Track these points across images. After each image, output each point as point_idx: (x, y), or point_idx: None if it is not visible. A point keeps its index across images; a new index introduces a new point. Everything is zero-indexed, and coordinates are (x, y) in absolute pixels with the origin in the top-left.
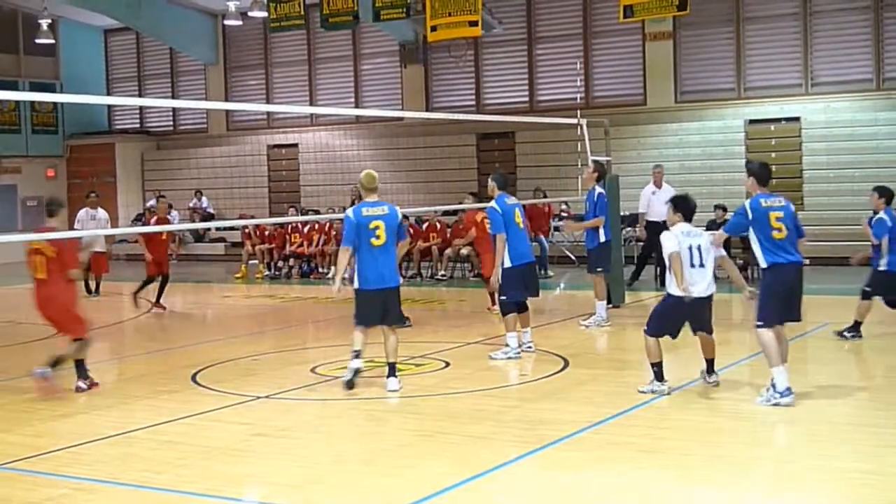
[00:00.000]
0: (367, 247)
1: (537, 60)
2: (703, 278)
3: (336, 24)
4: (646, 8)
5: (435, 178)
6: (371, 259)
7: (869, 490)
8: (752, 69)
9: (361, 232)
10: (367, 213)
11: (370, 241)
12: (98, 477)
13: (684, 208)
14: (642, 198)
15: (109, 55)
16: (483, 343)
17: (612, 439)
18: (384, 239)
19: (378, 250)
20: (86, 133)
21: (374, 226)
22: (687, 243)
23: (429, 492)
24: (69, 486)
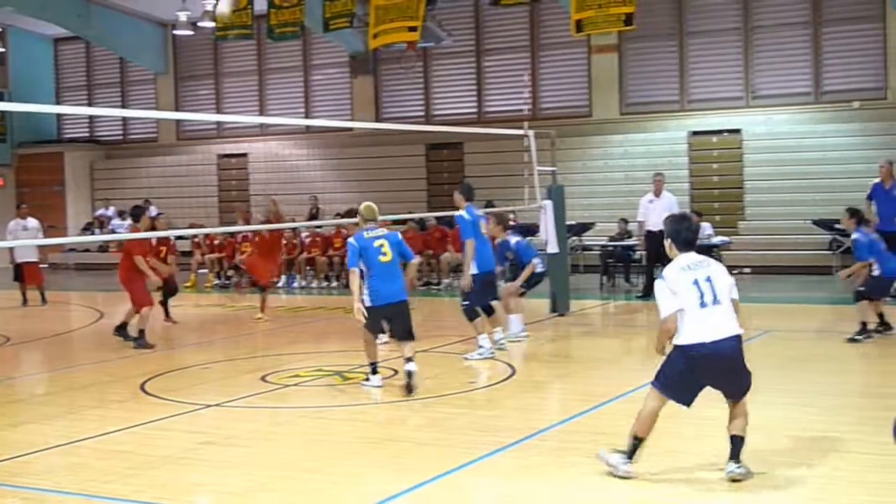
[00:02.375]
0: (376, 265)
1: (485, 72)
2: (717, 320)
3: (282, 35)
4: (594, 23)
5: (384, 189)
6: (382, 275)
7: (840, 497)
8: (695, 82)
9: (369, 253)
10: (369, 236)
11: (378, 260)
12: (46, 486)
13: (674, 234)
14: (640, 206)
15: (59, 64)
16: (431, 351)
17: (558, 446)
18: (390, 255)
19: (387, 266)
20: (35, 142)
21: (378, 244)
22: (691, 277)
23: (376, 499)
24: (18, 495)
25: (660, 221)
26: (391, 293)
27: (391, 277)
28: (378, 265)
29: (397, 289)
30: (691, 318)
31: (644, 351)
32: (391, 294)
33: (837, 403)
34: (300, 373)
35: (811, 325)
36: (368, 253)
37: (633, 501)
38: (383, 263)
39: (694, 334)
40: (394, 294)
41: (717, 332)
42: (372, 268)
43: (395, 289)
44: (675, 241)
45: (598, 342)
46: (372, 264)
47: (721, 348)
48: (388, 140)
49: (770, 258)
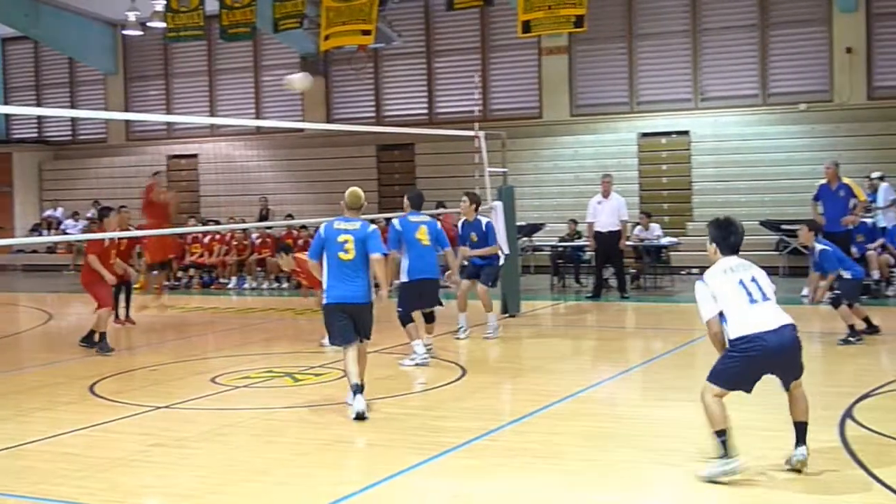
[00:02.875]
0: (335, 261)
1: (436, 73)
2: (771, 313)
3: (235, 35)
4: (542, 24)
5: (335, 189)
6: (339, 273)
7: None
8: (644, 84)
9: (329, 245)
10: (337, 227)
11: (338, 256)
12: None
13: (720, 238)
14: (589, 207)
15: (7, 64)
16: (382, 352)
17: (509, 446)
18: (353, 254)
19: (347, 265)
20: None
21: (342, 239)
22: (736, 278)
23: (326, 500)
24: None
25: (608, 222)
26: (347, 293)
27: (351, 276)
28: (335, 261)
29: (356, 289)
30: (744, 314)
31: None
32: (346, 294)
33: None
34: (251, 374)
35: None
36: (328, 245)
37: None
38: (343, 261)
39: (752, 326)
40: (352, 294)
41: (775, 322)
42: (329, 262)
43: (354, 289)
44: (721, 245)
45: (549, 343)
46: (330, 259)
47: (783, 336)
48: (338, 141)
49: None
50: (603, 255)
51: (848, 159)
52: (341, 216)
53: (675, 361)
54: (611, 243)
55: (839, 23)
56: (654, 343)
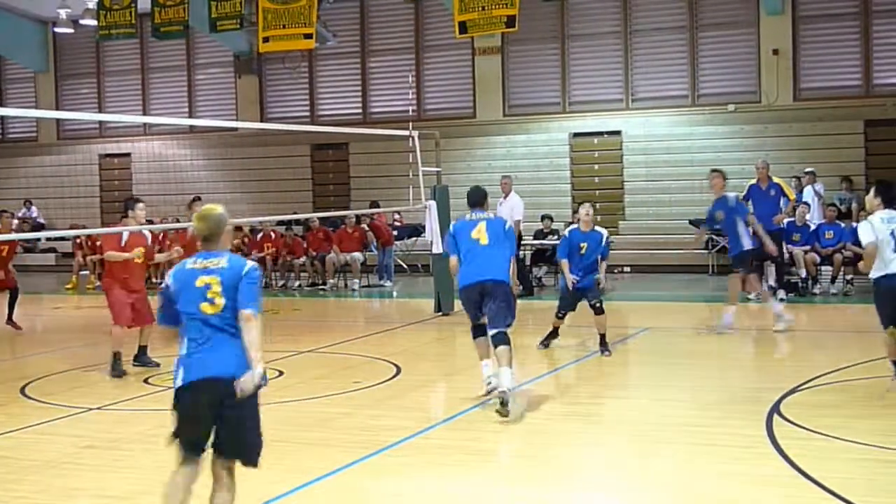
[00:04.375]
0: (196, 317)
1: (370, 73)
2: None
3: (167, 33)
4: (477, 24)
5: (269, 189)
6: (201, 337)
7: (696, 487)
8: (576, 85)
9: (186, 295)
10: (191, 267)
11: (200, 308)
12: None
13: (885, 194)
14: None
15: None
16: (316, 352)
17: (442, 444)
18: (221, 304)
19: (213, 321)
20: None
21: (202, 283)
22: (888, 229)
23: (260, 499)
24: None
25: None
26: (208, 364)
27: (217, 341)
28: (196, 317)
29: (224, 359)
30: (884, 258)
31: (527, 349)
32: (206, 365)
33: (712, 399)
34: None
35: (688, 322)
36: (185, 295)
37: (516, 499)
38: (208, 315)
39: (887, 269)
40: (214, 364)
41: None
42: (187, 321)
43: (220, 359)
44: (885, 199)
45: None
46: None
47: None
48: (273, 140)
49: (649, 257)
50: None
51: (775, 159)
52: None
53: (609, 360)
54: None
55: (766, 25)
56: (588, 341)
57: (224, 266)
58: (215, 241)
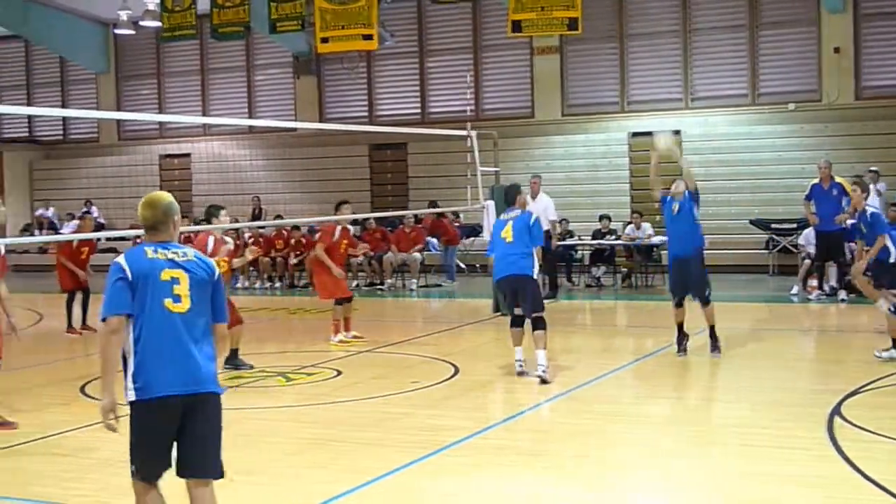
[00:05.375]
0: (157, 314)
1: (429, 73)
2: None
3: (226, 34)
4: (534, 25)
5: (327, 189)
6: (163, 338)
7: (749, 489)
8: (635, 84)
9: (144, 289)
10: (153, 256)
11: (164, 305)
12: None
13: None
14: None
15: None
16: (373, 352)
17: (500, 444)
18: (187, 303)
19: (179, 320)
20: None
21: (168, 276)
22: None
23: (319, 500)
24: None
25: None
26: (183, 373)
27: (187, 342)
28: (159, 314)
29: (197, 365)
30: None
31: (585, 350)
32: (181, 375)
33: (770, 400)
34: (243, 374)
35: (747, 322)
36: (142, 289)
37: (572, 500)
38: (172, 313)
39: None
40: (189, 375)
41: None
42: (144, 319)
43: (193, 365)
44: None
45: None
46: (145, 312)
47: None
48: (331, 140)
49: (708, 257)
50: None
51: (836, 159)
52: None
53: (666, 359)
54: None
55: (827, 23)
56: (646, 341)
57: (191, 259)
58: (165, 231)
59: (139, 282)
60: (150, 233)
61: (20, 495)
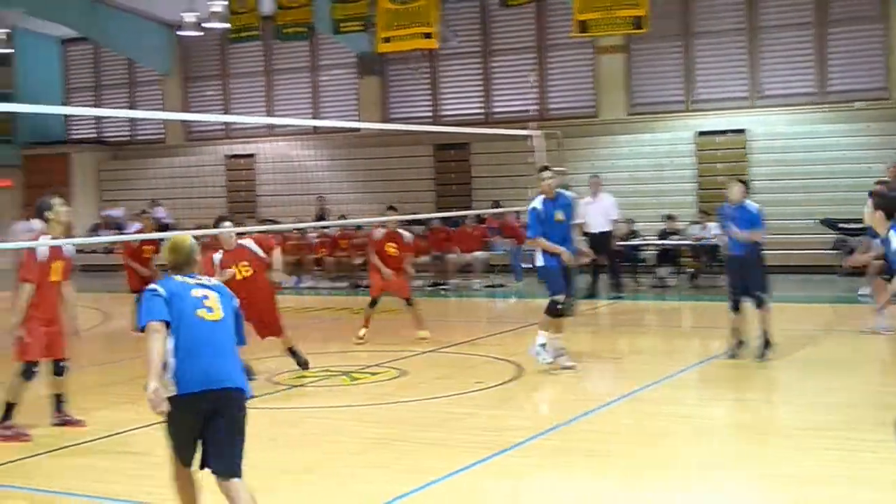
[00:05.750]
0: (192, 321)
1: (492, 73)
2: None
3: (290, 35)
4: (600, 25)
5: (391, 189)
6: (198, 342)
7: (814, 494)
8: (701, 82)
9: (179, 303)
10: (182, 280)
11: (197, 314)
12: (54, 489)
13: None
14: (579, 208)
15: (66, 65)
16: (437, 352)
17: (563, 445)
18: (220, 314)
19: (212, 327)
20: (42, 143)
21: (198, 294)
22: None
23: (381, 500)
24: (25, 497)
25: (598, 222)
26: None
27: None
28: (191, 323)
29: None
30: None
31: (650, 350)
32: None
33: (839, 402)
34: (307, 373)
35: (814, 324)
36: (178, 304)
37: (635, 502)
38: (205, 321)
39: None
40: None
41: None
42: (181, 328)
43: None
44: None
45: (604, 342)
46: (182, 322)
47: None
48: (395, 140)
49: (775, 258)
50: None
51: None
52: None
53: (731, 362)
54: (601, 243)
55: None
56: (711, 343)
57: (215, 284)
58: (188, 270)
59: (173, 298)
60: (174, 272)
61: (88, 492)
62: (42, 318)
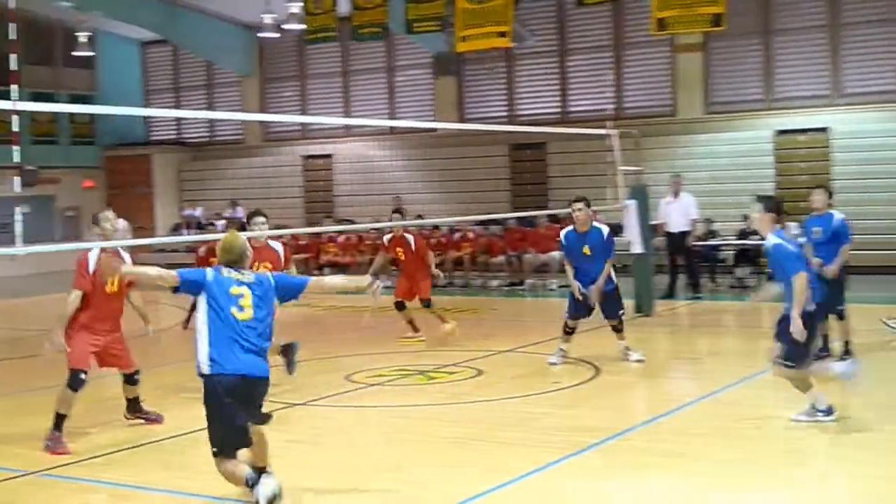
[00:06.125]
0: (225, 317)
1: (569, 72)
2: None
3: (366, 35)
4: (678, 22)
5: (467, 189)
6: (228, 336)
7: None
8: (781, 80)
9: (217, 292)
10: (227, 275)
11: (230, 312)
12: (135, 483)
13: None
14: (659, 208)
15: (146, 67)
16: (514, 351)
17: (642, 446)
18: (250, 313)
19: (242, 325)
20: (123, 144)
21: (235, 292)
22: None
23: (459, 499)
24: (106, 491)
25: (679, 222)
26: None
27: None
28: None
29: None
30: None
31: (729, 352)
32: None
33: None
34: (384, 372)
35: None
36: (217, 296)
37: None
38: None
39: None
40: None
41: None
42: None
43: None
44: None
45: (682, 343)
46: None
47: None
48: (471, 140)
49: (857, 258)
50: (674, 256)
51: None
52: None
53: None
54: (681, 243)
55: None
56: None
57: (254, 279)
58: (240, 266)
59: (212, 286)
60: (226, 267)
61: (166, 487)
62: (92, 328)
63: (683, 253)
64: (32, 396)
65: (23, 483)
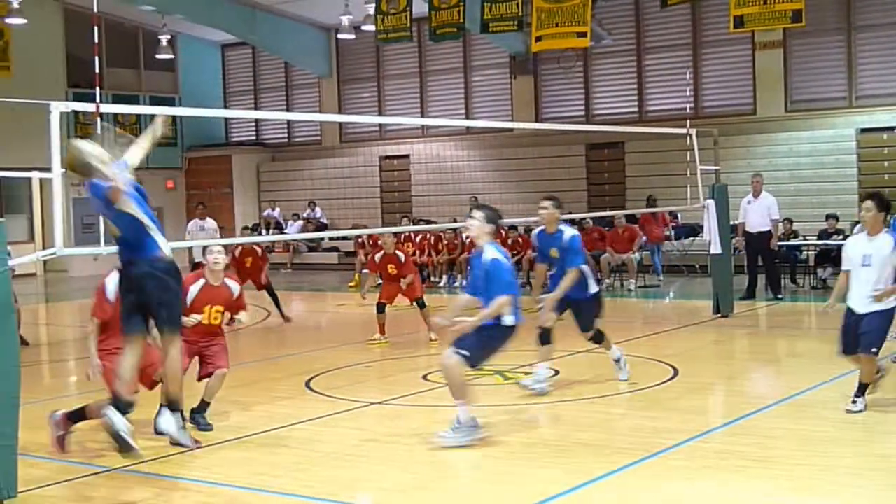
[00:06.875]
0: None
1: (646, 71)
2: None
3: (442, 35)
4: (757, 19)
5: (544, 189)
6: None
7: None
8: (864, 77)
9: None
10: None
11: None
12: (217, 480)
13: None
14: (741, 208)
15: (226, 69)
16: (592, 352)
17: (722, 448)
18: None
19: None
20: (204, 145)
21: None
22: None
23: (536, 498)
24: (189, 487)
25: (758, 222)
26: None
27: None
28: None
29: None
30: None
31: (810, 353)
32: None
33: None
34: None
35: None
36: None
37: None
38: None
39: None
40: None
41: None
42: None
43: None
44: None
45: (763, 344)
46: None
47: None
48: (548, 140)
49: None
50: (754, 256)
51: None
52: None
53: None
54: (761, 243)
55: None
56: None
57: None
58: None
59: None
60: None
61: (250, 484)
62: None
63: (763, 253)
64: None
65: (101, 478)
